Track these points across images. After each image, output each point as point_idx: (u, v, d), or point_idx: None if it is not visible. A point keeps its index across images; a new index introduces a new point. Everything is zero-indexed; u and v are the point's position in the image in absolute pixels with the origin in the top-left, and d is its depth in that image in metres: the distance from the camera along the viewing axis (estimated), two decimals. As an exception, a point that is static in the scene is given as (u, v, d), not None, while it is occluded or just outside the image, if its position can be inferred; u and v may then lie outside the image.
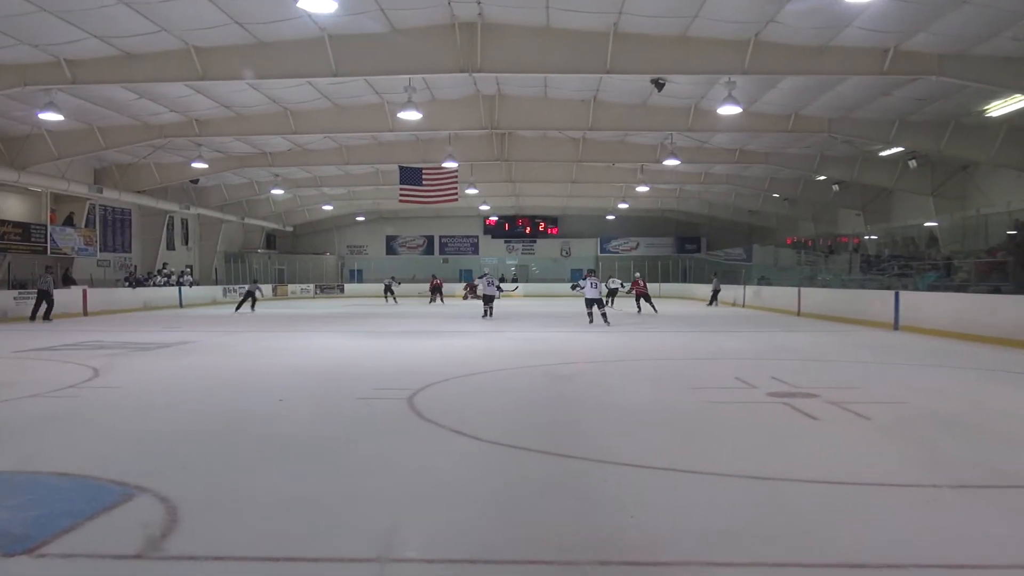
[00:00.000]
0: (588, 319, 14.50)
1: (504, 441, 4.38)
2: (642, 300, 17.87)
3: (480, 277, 19.69)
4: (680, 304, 25.69)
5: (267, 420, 5.11)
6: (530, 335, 12.35)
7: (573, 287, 15.64)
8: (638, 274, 23.82)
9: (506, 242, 38.14)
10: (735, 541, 2.80)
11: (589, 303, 14.44)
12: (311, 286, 34.36)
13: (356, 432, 4.76)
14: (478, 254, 38.30)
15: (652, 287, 33.23)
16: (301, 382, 6.86)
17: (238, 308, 19.45)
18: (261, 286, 21.13)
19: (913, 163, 17.58)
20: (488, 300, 17.17)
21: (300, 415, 5.31)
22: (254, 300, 19.55)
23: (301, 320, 16.79)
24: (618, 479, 3.64)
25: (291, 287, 33.45)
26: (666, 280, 32.71)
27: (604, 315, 14.27)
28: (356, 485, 3.54)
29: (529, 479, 3.68)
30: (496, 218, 37.15)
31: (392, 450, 4.27)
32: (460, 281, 36.36)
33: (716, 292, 22.51)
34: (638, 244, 37.26)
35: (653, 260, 36.03)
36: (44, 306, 15.48)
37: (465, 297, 31.46)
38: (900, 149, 17.02)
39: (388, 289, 25.97)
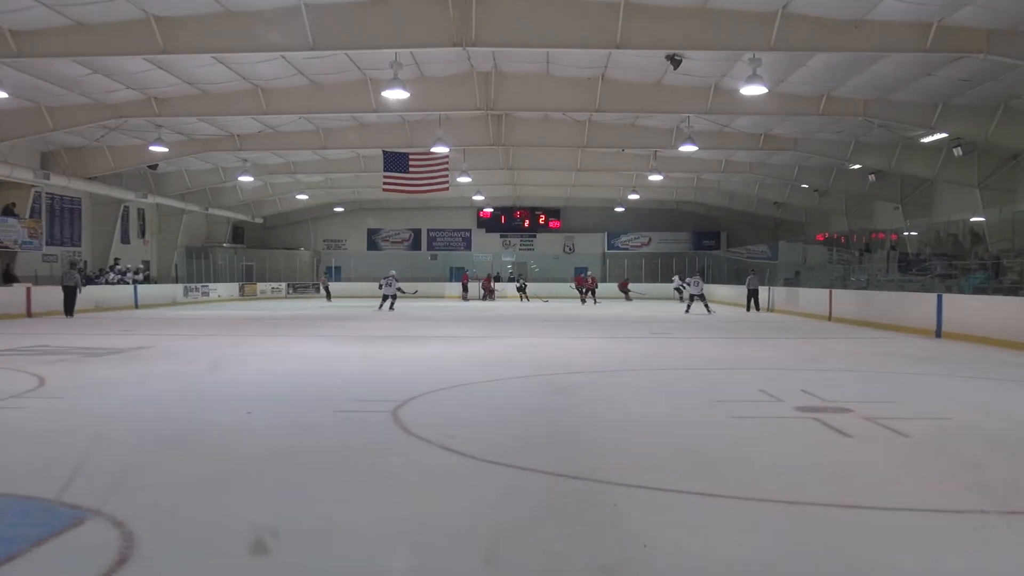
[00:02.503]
0: (707, 311, 20.44)
1: (500, 459, 4.40)
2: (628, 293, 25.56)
3: (384, 278, 22.31)
4: (699, 308, 26.98)
5: (233, 436, 5.08)
6: (529, 341, 12.35)
7: (678, 291, 22.47)
8: (589, 272, 27.67)
9: (502, 237, 37.97)
10: (762, 574, 2.76)
11: (691, 298, 21.23)
12: (283, 285, 34.28)
13: (334, 449, 4.75)
14: (471, 250, 38.15)
15: (663, 288, 34.01)
16: (271, 393, 6.85)
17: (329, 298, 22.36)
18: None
19: (958, 151, 17.58)
20: (388, 298, 21.89)
21: (270, 430, 5.29)
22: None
23: (271, 323, 16.74)
24: (628, 503, 3.61)
25: (260, 286, 33.13)
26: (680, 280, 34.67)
27: (707, 306, 20.38)
28: (333, 510, 3.51)
29: (528, 502, 3.67)
30: (491, 210, 36.98)
31: (374, 469, 4.28)
32: (450, 280, 35.92)
33: (753, 294, 21.86)
34: (650, 239, 37.16)
35: (667, 257, 36.02)
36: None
37: (484, 296, 31.95)
38: (943, 135, 17.00)
39: (389, 297, 22.52)
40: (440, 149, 18.87)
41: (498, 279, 35.58)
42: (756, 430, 5.39)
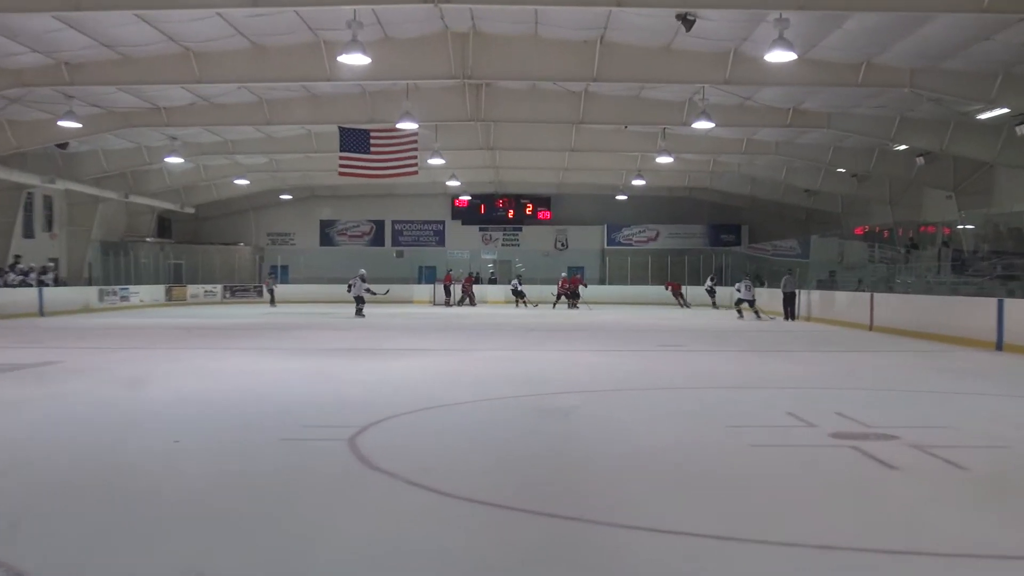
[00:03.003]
0: (739, 316, 22.35)
1: (480, 497, 4.40)
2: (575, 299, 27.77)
3: (353, 278, 23.25)
4: (715, 314, 25.82)
5: (158, 470, 5.06)
6: (514, 355, 12.42)
7: (738, 303, 21.90)
8: (564, 273, 29.95)
9: (482, 230, 38.08)
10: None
11: (740, 303, 22.54)
12: (218, 287, 34.08)
13: (280, 485, 4.74)
14: (444, 245, 38.20)
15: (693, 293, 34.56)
16: (204, 417, 6.84)
17: (358, 312, 22.20)
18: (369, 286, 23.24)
19: (1021, 129, 17.60)
20: (359, 302, 23.01)
21: (203, 463, 5.27)
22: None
23: (205, 333, 16.73)
24: (634, 549, 3.60)
25: (191, 289, 32.89)
26: (695, 282, 32.34)
27: (757, 313, 22.21)
28: (280, 560, 3.47)
29: (515, 547, 3.65)
30: (469, 198, 36.97)
31: (329, 510, 4.25)
32: (420, 282, 35.76)
33: (789, 299, 21.64)
34: (658, 233, 37.38)
35: (678, 254, 36.03)
36: None
37: (462, 300, 31.78)
38: (1004, 111, 17.00)
39: (358, 299, 23.17)
40: (407, 125, 18.87)
41: (478, 280, 35.30)
42: (783, 461, 5.38)
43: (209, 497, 4.52)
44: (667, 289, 31.21)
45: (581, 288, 29.89)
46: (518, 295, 30.96)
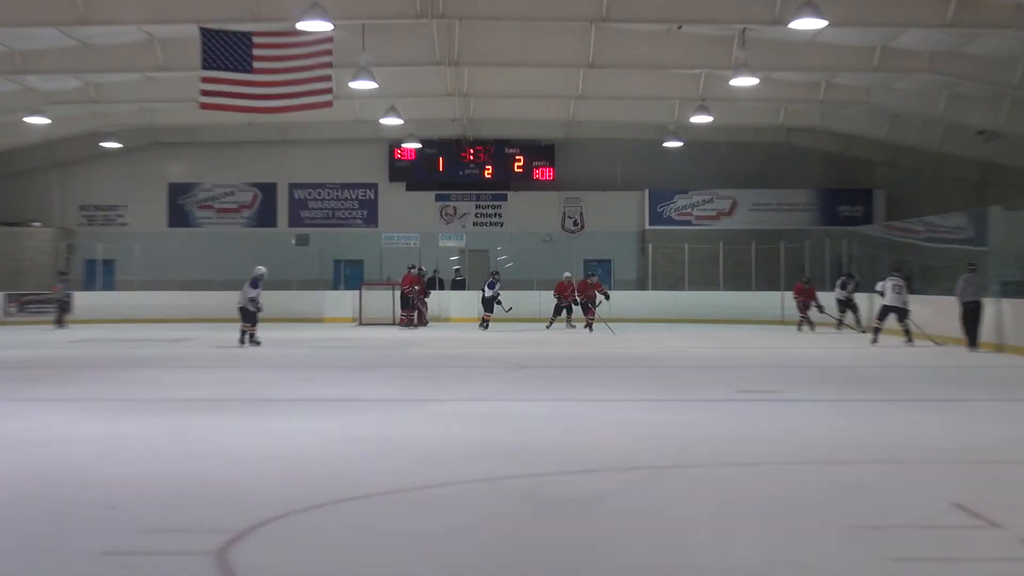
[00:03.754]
0: (874, 338, 22.27)
1: None
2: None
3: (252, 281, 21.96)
4: (847, 338, 25.06)
5: None
6: (495, 409, 12.24)
7: (883, 314, 21.95)
8: (567, 275, 28.59)
9: (440, 199, 37.29)
10: None
11: (885, 314, 22.11)
12: (-1, 297, 33.03)
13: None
14: (376, 225, 37.27)
15: (758, 299, 34.31)
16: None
17: None
18: None
19: None
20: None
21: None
22: None
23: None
24: None
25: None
26: (792, 287, 29.76)
27: (907, 332, 21.78)
28: None
29: None
30: (418, 146, 34.56)
31: None
32: (337, 287, 35.49)
33: (972, 311, 20.78)
34: (734, 204, 36.31)
35: (768, 238, 34.07)
36: None
37: (413, 319, 29.94)
38: None
39: (246, 313, 22.38)
40: (315, 25, 18.58)
41: (431, 284, 32.88)
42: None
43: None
44: (797, 299, 28.26)
45: (600, 297, 28.29)
46: (490, 304, 29.45)
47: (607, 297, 28.49)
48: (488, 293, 29.60)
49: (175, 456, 8.91)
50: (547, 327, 28.71)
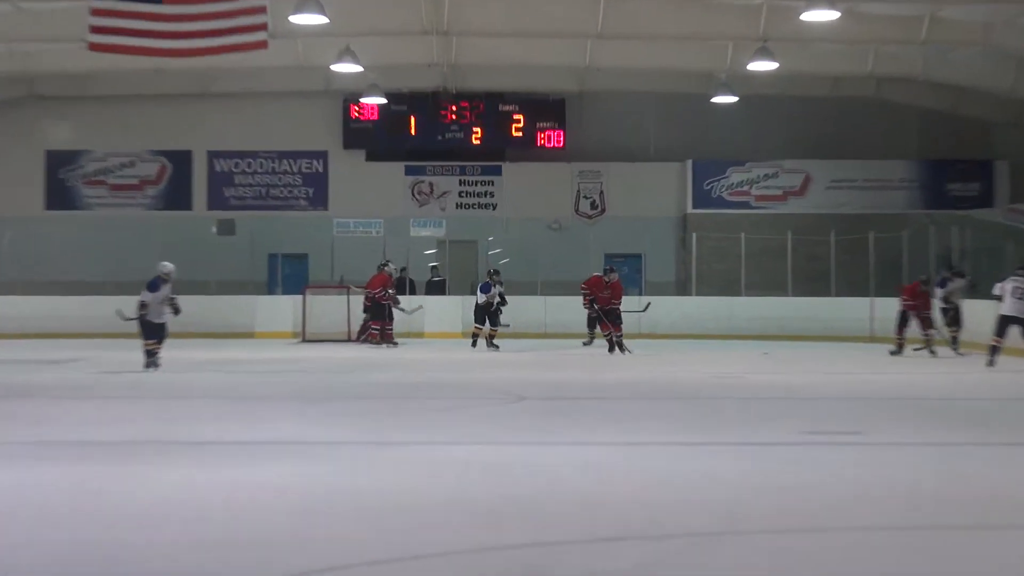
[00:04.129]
0: (990, 359, 21.06)
1: None
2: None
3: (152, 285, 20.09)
4: (952, 362, 23.82)
5: None
6: (488, 455, 11.80)
7: (1003, 325, 21.19)
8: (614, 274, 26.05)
9: (410, 172, 35.91)
10: None
11: (1005, 327, 21.04)
12: None
13: None
14: (325, 207, 36.00)
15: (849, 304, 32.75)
16: None
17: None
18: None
19: None
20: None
21: None
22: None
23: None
24: None
25: None
26: (885, 291, 29.44)
27: None
28: None
29: None
30: (382, 101, 33.34)
31: None
32: (272, 290, 34.26)
33: None
34: (807, 180, 35.28)
35: (852, 225, 32.28)
36: None
37: (373, 328, 28.12)
38: None
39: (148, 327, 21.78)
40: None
41: (401, 282, 31.65)
42: None
43: None
44: (906, 303, 25.81)
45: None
46: (488, 314, 27.75)
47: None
48: (481, 299, 27.52)
49: (71, 519, 8.53)
50: (587, 342, 27.66)
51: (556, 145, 35.52)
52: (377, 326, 27.94)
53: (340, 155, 36.18)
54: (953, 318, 25.30)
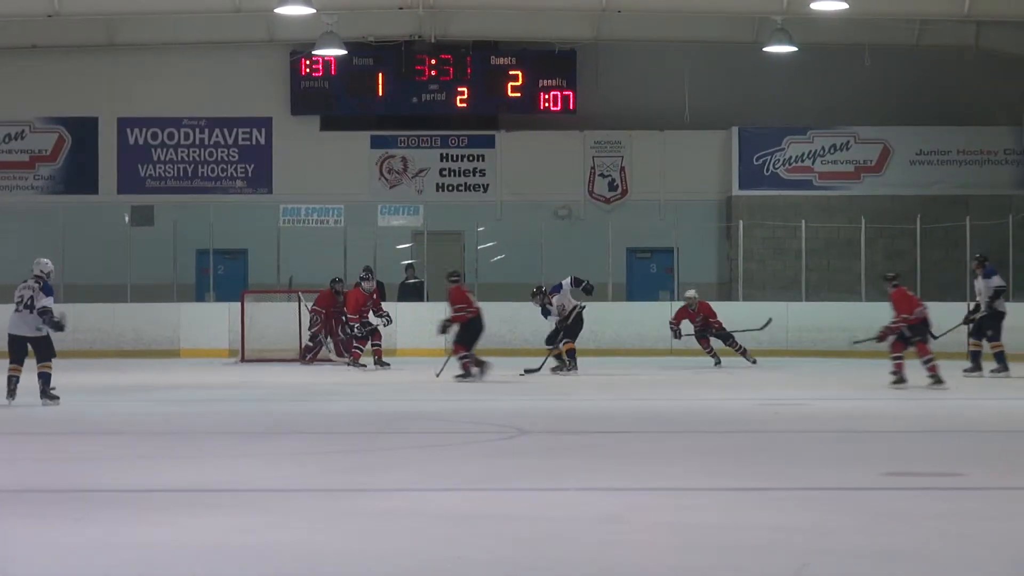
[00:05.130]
0: None
1: None
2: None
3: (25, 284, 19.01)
4: None
5: None
6: (484, 500, 12.39)
7: None
8: (692, 294, 26.93)
9: (377, 144, 35.52)
10: None
11: None
12: None
13: None
14: (269, 189, 35.98)
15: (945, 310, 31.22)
16: None
17: None
18: None
19: None
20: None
21: None
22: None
23: None
24: None
25: None
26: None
27: None
28: None
29: None
30: (341, 52, 31.77)
31: None
32: (204, 296, 33.15)
33: None
34: (885, 152, 35.05)
35: (944, 209, 32.42)
36: None
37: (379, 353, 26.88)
38: None
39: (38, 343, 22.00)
40: None
41: (381, 291, 30.09)
42: None
43: None
44: None
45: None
46: (561, 334, 26.31)
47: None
48: (550, 300, 26.24)
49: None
50: (674, 337, 28.19)
51: (564, 109, 35.01)
52: (359, 342, 28.21)
53: (287, 123, 35.62)
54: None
